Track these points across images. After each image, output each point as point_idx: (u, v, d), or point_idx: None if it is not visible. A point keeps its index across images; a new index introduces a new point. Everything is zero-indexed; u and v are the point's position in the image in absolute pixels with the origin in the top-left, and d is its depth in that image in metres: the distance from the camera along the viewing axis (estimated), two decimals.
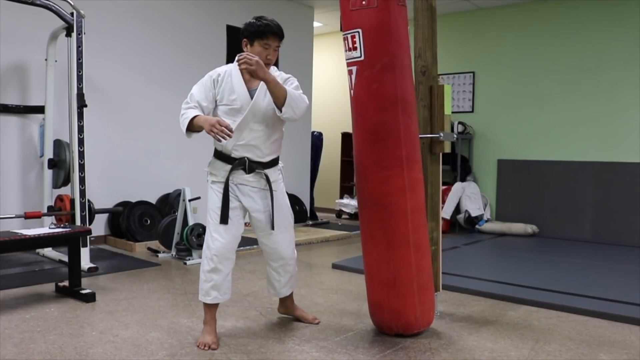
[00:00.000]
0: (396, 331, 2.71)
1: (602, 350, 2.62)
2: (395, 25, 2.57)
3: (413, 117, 2.67)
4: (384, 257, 2.65)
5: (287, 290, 2.89)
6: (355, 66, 2.61)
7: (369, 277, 2.77)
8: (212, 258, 2.58)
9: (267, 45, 2.58)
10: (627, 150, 5.95)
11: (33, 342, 2.57)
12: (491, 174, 6.91)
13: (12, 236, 3.19)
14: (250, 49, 2.60)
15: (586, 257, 5.07)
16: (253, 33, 2.58)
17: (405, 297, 2.65)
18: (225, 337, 2.70)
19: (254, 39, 2.58)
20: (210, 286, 2.59)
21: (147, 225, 5.25)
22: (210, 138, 2.56)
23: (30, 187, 4.79)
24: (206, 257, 2.60)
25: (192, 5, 5.89)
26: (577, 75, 6.28)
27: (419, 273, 2.67)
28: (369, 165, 2.65)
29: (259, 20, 2.58)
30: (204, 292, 2.61)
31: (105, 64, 5.15)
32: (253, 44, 2.59)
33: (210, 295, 2.60)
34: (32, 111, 4.72)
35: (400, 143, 2.59)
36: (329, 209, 8.39)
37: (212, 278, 2.59)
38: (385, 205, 2.61)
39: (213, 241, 2.58)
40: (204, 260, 2.61)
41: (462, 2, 6.70)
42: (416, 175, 2.68)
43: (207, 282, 2.60)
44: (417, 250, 2.66)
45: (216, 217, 2.59)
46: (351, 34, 2.59)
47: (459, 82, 7.13)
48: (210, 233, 2.60)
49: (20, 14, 4.59)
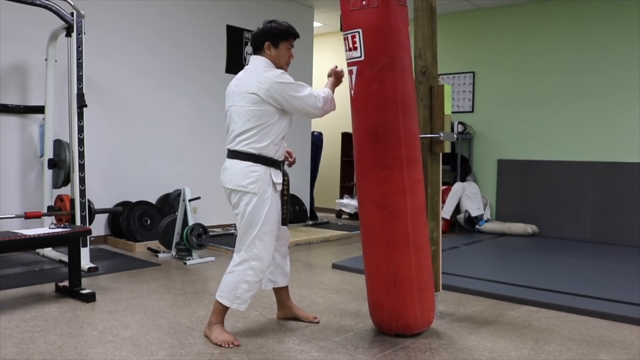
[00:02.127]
0: (396, 331, 2.71)
1: (602, 350, 2.62)
2: (396, 25, 2.56)
3: (413, 117, 2.67)
4: (384, 257, 2.65)
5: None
6: (356, 66, 2.61)
7: (369, 277, 2.77)
8: (264, 270, 2.62)
9: (290, 46, 2.70)
10: (627, 150, 5.95)
11: (33, 342, 2.57)
12: (491, 174, 6.91)
13: (12, 236, 3.19)
14: (275, 51, 2.66)
15: (586, 257, 5.07)
16: (278, 36, 2.65)
17: (405, 297, 2.65)
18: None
19: (279, 41, 2.65)
20: (251, 295, 2.61)
21: (147, 225, 5.25)
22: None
23: (30, 187, 4.79)
24: (255, 269, 2.58)
25: (192, 5, 5.89)
26: (577, 75, 6.28)
27: (419, 273, 2.67)
28: (369, 165, 2.64)
29: (279, 24, 2.67)
30: (242, 301, 2.59)
31: (105, 64, 5.15)
32: (278, 45, 2.65)
33: (247, 304, 2.62)
34: (32, 111, 4.72)
35: (400, 143, 2.59)
36: (329, 209, 8.39)
37: (256, 288, 2.63)
38: (385, 206, 2.61)
39: (269, 254, 2.61)
40: (250, 272, 2.57)
41: (462, 2, 6.70)
42: (416, 175, 2.68)
43: (249, 292, 2.60)
44: (417, 250, 2.66)
45: (275, 229, 2.62)
46: (351, 34, 2.59)
47: (459, 82, 7.13)
48: (267, 246, 2.58)
49: (20, 14, 4.59)
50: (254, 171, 2.55)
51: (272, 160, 2.59)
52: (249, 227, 2.57)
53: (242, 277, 2.57)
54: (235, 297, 2.58)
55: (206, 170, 5.98)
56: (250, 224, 2.56)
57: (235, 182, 2.57)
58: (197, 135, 5.95)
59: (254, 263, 2.57)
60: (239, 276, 2.58)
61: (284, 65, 2.69)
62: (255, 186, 2.54)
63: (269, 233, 2.59)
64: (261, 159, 2.56)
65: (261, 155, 2.56)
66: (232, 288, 2.58)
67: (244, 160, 2.57)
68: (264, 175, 2.56)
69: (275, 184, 2.60)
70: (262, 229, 2.56)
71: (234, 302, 2.58)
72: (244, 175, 2.55)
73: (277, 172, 2.62)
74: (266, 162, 2.57)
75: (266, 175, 2.57)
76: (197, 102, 5.96)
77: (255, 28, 2.73)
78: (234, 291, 2.57)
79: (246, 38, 6.35)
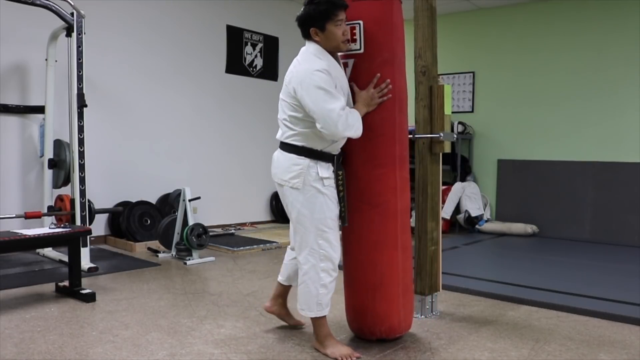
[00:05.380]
0: (379, 336, 2.61)
1: (602, 350, 2.62)
2: (396, 19, 2.54)
3: (406, 115, 2.65)
4: (371, 259, 2.54)
5: None
6: (353, 59, 2.53)
7: (351, 281, 2.63)
8: (335, 268, 2.45)
9: (340, 21, 2.35)
10: (627, 150, 5.94)
11: (33, 342, 2.57)
12: (491, 174, 6.91)
13: (12, 236, 3.19)
14: (323, 35, 2.35)
15: (586, 257, 5.07)
16: (320, 18, 2.33)
17: (391, 300, 2.57)
18: (225, 337, 2.70)
19: (324, 23, 2.33)
20: (330, 296, 2.46)
21: (147, 225, 5.25)
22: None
23: (30, 187, 4.79)
24: (327, 270, 2.42)
25: (193, 5, 5.89)
26: (577, 75, 6.27)
27: (404, 275, 2.62)
28: (361, 163, 2.54)
29: (319, 3, 2.32)
30: (324, 305, 2.44)
31: (105, 64, 5.16)
32: (324, 28, 2.34)
33: (329, 304, 2.47)
34: (32, 111, 4.72)
35: (394, 141, 2.54)
36: None
37: (333, 287, 2.47)
38: (377, 205, 2.53)
39: (336, 250, 2.43)
40: (323, 274, 2.41)
41: (462, 2, 6.69)
42: (406, 174, 2.64)
43: (329, 294, 2.45)
44: (404, 251, 2.61)
45: (334, 224, 2.42)
46: (351, 25, 2.49)
47: (459, 82, 7.13)
48: (331, 243, 2.41)
49: (20, 14, 4.59)
50: (296, 164, 2.38)
51: (319, 153, 2.39)
52: (301, 226, 2.41)
53: (317, 283, 2.41)
54: (318, 305, 2.43)
55: (206, 170, 5.98)
56: (303, 223, 2.39)
57: (280, 176, 2.44)
58: (197, 135, 5.95)
59: (324, 264, 2.41)
60: (313, 283, 2.41)
61: (339, 45, 2.39)
62: (298, 181, 2.37)
63: (330, 229, 2.40)
64: (305, 151, 2.38)
65: (305, 147, 2.38)
66: (311, 297, 2.43)
67: (289, 153, 2.41)
68: (309, 169, 2.37)
69: (323, 178, 2.39)
70: (320, 227, 2.38)
71: (321, 311, 2.44)
72: (287, 168, 2.40)
73: (325, 166, 2.41)
74: (311, 154, 2.38)
75: (311, 170, 2.37)
76: (197, 102, 5.96)
77: (255, 28, 2.65)
78: (315, 299, 2.42)
79: (246, 38, 6.35)
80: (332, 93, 2.28)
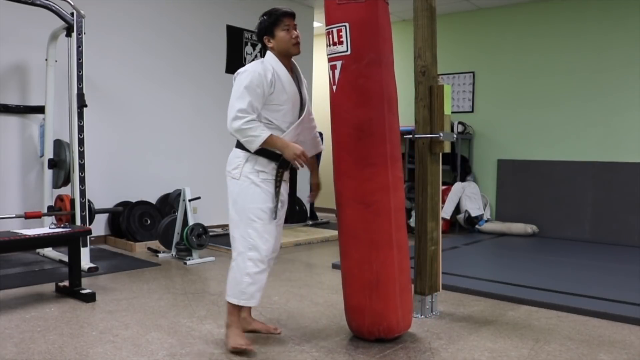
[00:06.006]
0: (377, 335, 2.60)
1: (602, 350, 2.62)
2: (382, 21, 2.56)
3: (396, 115, 2.66)
4: (367, 257, 2.56)
5: None
6: (340, 61, 2.56)
7: (348, 280, 2.65)
8: (263, 260, 2.48)
9: (287, 27, 2.53)
10: (627, 150, 5.94)
11: (33, 342, 2.57)
12: (491, 174, 6.91)
13: (12, 236, 3.19)
14: (275, 42, 2.54)
15: (586, 257, 5.07)
16: (269, 26, 2.53)
17: (388, 298, 2.57)
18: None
19: (272, 30, 2.53)
20: (257, 289, 2.49)
21: (147, 225, 5.25)
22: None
23: (30, 187, 4.79)
24: (253, 259, 2.46)
25: (192, 5, 5.89)
26: (577, 75, 6.28)
27: (400, 274, 2.62)
28: (353, 163, 2.56)
29: (265, 14, 2.56)
30: (248, 296, 2.48)
31: (105, 64, 5.15)
32: (274, 34, 2.53)
33: (255, 297, 2.50)
34: (32, 111, 4.72)
35: (385, 139, 2.55)
36: (329, 209, 8.38)
37: (260, 280, 2.49)
38: (370, 204, 2.55)
39: (265, 242, 2.48)
40: (249, 263, 2.46)
41: (462, 2, 6.70)
42: (399, 173, 2.66)
43: (253, 285, 2.48)
44: (400, 250, 2.61)
45: (265, 216, 2.49)
46: (337, 28, 2.54)
47: (459, 82, 7.13)
48: (260, 234, 2.47)
49: (20, 14, 4.59)
50: (237, 157, 2.54)
51: (258, 150, 2.46)
52: (236, 214, 2.51)
53: (243, 271, 2.47)
54: (241, 293, 2.48)
55: (206, 170, 5.98)
56: (237, 211, 2.50)
57: (227, 168, 2.58)
58: (197, 135, 5.95)
59: (251, 254, 2.47)
60: (239, 270, 2.48)
61: (290, 48, 2.55)
62: (237, 171, 2.52)
63: (260, 220, 2.48)
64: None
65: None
66: (235, 284, 2.49)
67: (235, 148, 2.58)
68: (248, 162, 2.50)
69: (259, 171, 2.49)
70: (250, 216, 2.47)
71: (241, 299, 2.49)
72: (230, 161, 2.57)
73: (264, 162, 2.50)
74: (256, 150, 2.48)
75: (249, 162, 2.50)
76: (197, 102, 5.96)
77: (255, 28, 2.70)
78: (238, 286, 2.48)
79: (246, 38, 6.35)
80: (246, 93, 2.43)
